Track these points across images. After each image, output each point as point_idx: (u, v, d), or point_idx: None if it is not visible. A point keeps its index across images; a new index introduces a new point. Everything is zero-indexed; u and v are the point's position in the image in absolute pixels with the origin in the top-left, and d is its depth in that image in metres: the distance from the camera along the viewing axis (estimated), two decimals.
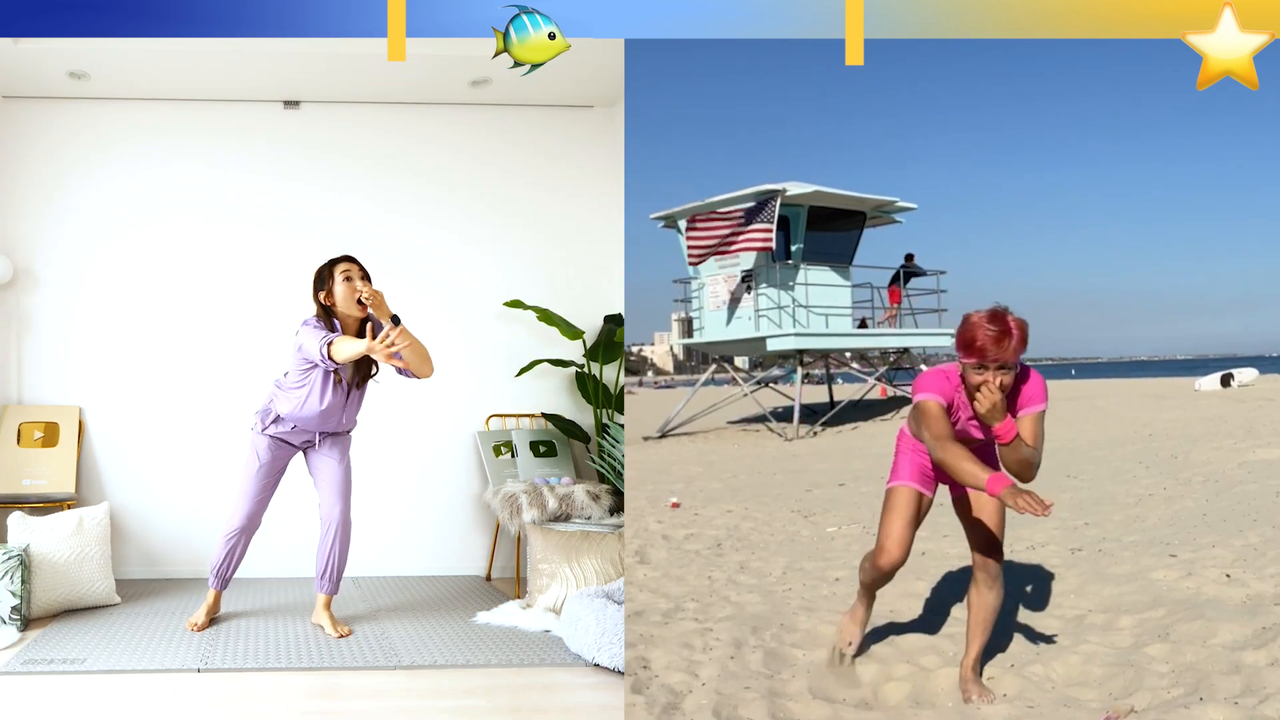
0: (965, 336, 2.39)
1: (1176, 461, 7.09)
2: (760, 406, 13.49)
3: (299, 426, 4.03)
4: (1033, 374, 2.50)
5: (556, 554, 4.33)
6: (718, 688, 2.69)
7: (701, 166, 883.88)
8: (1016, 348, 2.36)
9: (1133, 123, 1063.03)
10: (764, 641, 3.10)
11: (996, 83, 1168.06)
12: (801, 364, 12.61)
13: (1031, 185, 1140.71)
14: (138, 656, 3.66)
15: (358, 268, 3.82)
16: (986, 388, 2.37)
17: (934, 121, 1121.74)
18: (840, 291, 12.58)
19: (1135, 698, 2.56)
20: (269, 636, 4.01)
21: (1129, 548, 4.26)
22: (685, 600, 3.71)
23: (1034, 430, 2.47)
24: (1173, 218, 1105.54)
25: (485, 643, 3.91)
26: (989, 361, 2.36)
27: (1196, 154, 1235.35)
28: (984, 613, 2.70)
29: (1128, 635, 3.06)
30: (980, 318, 2.37)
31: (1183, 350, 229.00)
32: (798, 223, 12.08)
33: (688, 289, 13.17)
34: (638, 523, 5.60)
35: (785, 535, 5.15)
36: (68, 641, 3.85)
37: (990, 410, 2.38)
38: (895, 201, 12.84)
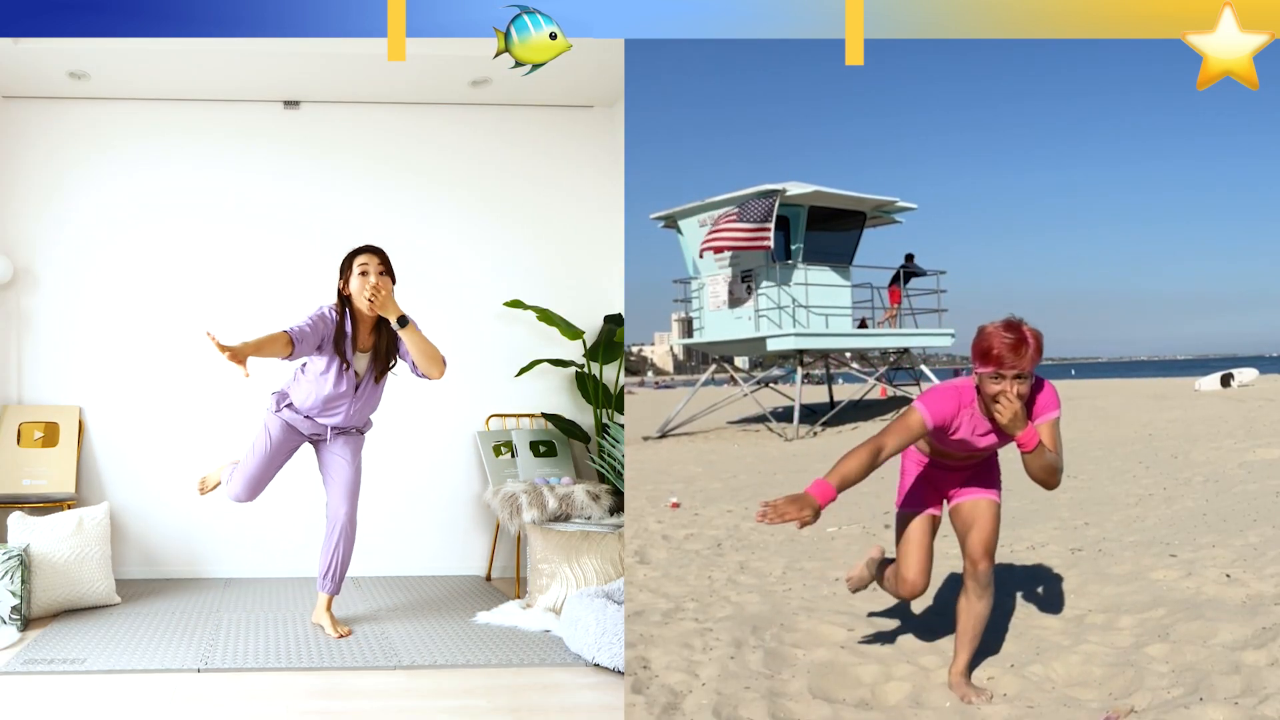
0: (981, 346, 2.39)
1: (1176, 461, 7.09)
2: (760, 406, 13.50)
3: (308, 415, 3.98)
4: (1045, 383, 2.52)
5: (556, 554, 4.33)
6: (718, 688, 2.69)
7: (701, 166, 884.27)
8: (1033, 357, 2.37)
9: (1134, 122, 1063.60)
10: (764, 641, 3.10)
11: (997, 82, 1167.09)
12: (801, 364, 12.61)
13: (1032, 185, 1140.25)
14: (138, 656, 3.66)
15: (377, 261, 3.72)
16: (1005, 397, 2.38)
17: (934, 121, 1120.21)
18: (840, 291, 12.57)
19: (1135, 698, 2.55)
20: (269, 636, 4.01)
21: (1129, 547, 4.26)
22: (685, 600, 3.71)
23: (1052, 436, 2.50)
24: (1173, 218, 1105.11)
25: (485, 643, 3.91)
26: (1006, 370, 2.37)
27: (1197, 154, 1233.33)
28: (972, 621, 2.71)
29: (1128, 635, 3.06)
30: (996, 327, 2.38)
31: (1183, 350, 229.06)
32: (797, 223, 12.07)
33: (688, 289, 13.17)
34: (638, 523, 5.59)
35: (785, 535, 5.15)
36: (68, 641, 3.86)
37: (1012, 420, 2.39)
38: (895, 201, 12.84)
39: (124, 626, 4.12)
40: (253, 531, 5.32)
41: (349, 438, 4.09)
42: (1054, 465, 2.47)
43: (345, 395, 3.90)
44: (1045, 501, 5.72)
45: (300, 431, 4.05)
